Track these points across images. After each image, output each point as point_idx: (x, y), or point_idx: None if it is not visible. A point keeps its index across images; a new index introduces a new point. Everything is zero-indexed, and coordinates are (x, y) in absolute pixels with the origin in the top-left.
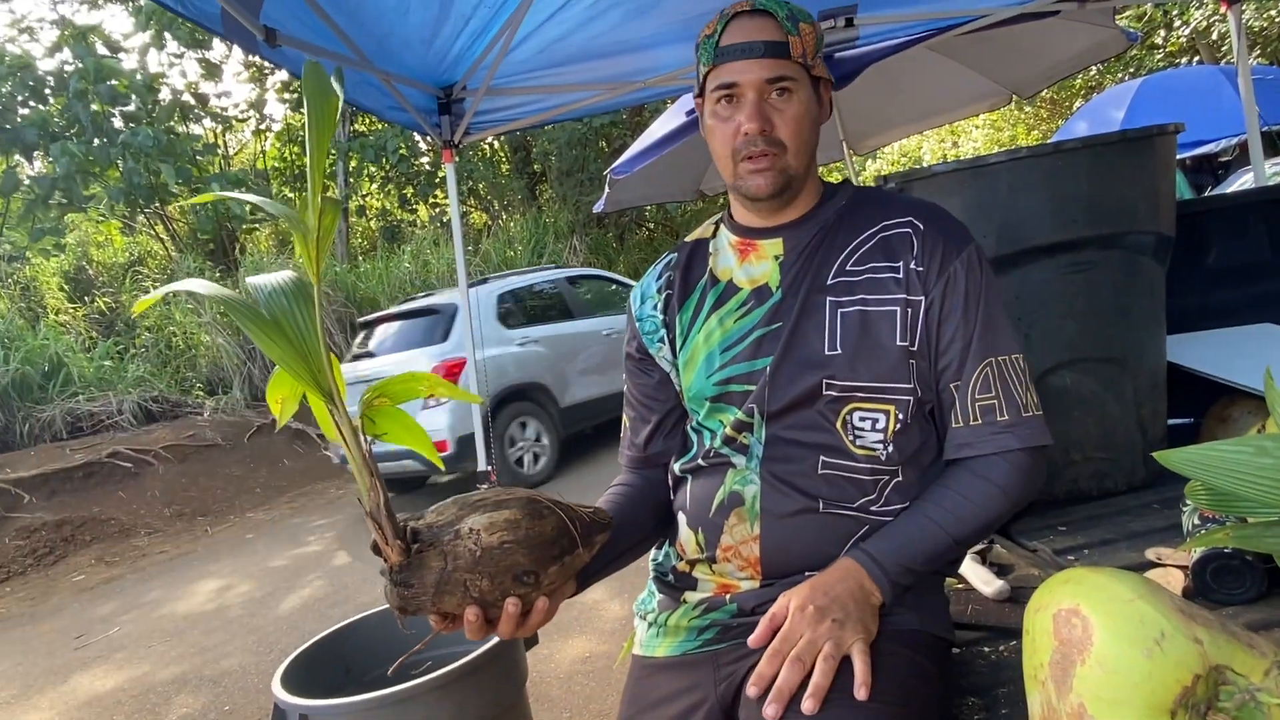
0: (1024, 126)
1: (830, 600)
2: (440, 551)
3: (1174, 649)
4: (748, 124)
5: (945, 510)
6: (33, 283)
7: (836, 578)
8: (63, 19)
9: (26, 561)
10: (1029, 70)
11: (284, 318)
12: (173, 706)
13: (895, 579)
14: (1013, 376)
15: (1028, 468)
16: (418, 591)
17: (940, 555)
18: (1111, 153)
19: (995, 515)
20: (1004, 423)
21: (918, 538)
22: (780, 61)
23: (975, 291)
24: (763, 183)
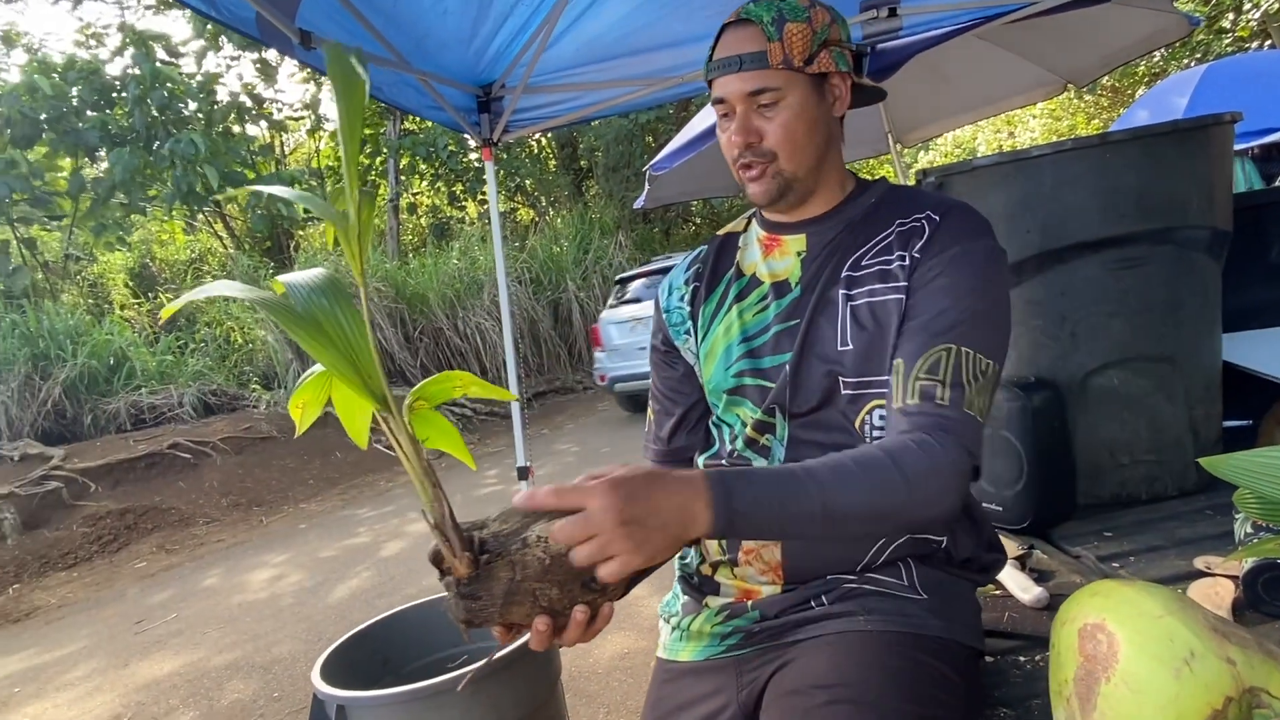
0: (1084, 116)
1: (645, 505)
2: (509, 561)
3: (1204, 669)
4: (734, 137)
5: (831, 472)
6: (100, 279)
7: (672, 487)
8: (126, 25)
9: (92, 548)
10: (1083, 58)
11: (325, 319)
12: (225, 692)
13: (736, 521)
14: (971, 374)
15: (944, 472)
16: (485, 604)
17: (801, 520)
18: (1163, 144)
19: (887, 506)
20: (939, 410)
21: (787, 488)
22: (758, 73)
23: (968, 282)
24: (758, 191)
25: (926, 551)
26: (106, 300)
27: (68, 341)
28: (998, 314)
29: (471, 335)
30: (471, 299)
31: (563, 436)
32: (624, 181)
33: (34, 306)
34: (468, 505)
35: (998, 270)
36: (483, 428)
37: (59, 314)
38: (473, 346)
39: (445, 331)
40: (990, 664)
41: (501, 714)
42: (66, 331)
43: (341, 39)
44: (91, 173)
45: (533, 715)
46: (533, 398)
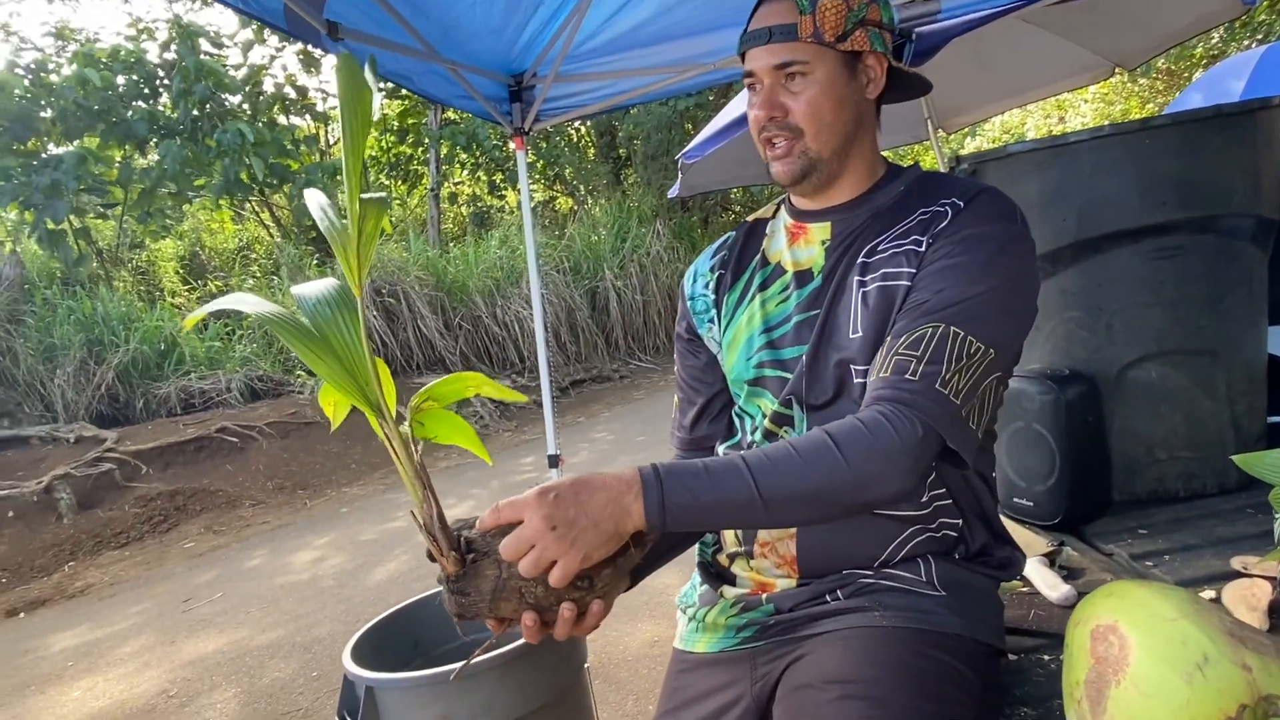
0: (1137, 100)
1: (576, 506)
2: (494, 560)
3: (1218, 675)
4: (758, 111)
5: (765, 457)
6: (151, 267)
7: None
8: (175, 18)
9: (143, 528)
10: (1133, 40)
11: (329, 329)
12: (266, 670)
13: (671, 511)
14: (956, 354)
15: (892, 451)
16: (475, 599)
17: (738, 508)
18: (1206, 129)
19: (828, 488)
20: (905, 384)
21: (719, 475)
22: (786, 45)
23: (978, 264)
24: (781, 169)
25: (946, 548)
26: (157, 287)
27: (120, 327)
28: (1006, 300)
29: (510, 324)
30: (510, 287)
31: (599, 424)
32: (662, 170)
33: (88, 293)
34: (505, 491)
35: (1016, 255)
36: (520, 415)
37: (112, 301)
38: (511, 335)
39: (484, 319)
40: (1012, 662)
41: (527, 699)
42: (119, 318)
43: (369, 29)
44: (140, 163)
45: (558, 701)
46: (569, 386)
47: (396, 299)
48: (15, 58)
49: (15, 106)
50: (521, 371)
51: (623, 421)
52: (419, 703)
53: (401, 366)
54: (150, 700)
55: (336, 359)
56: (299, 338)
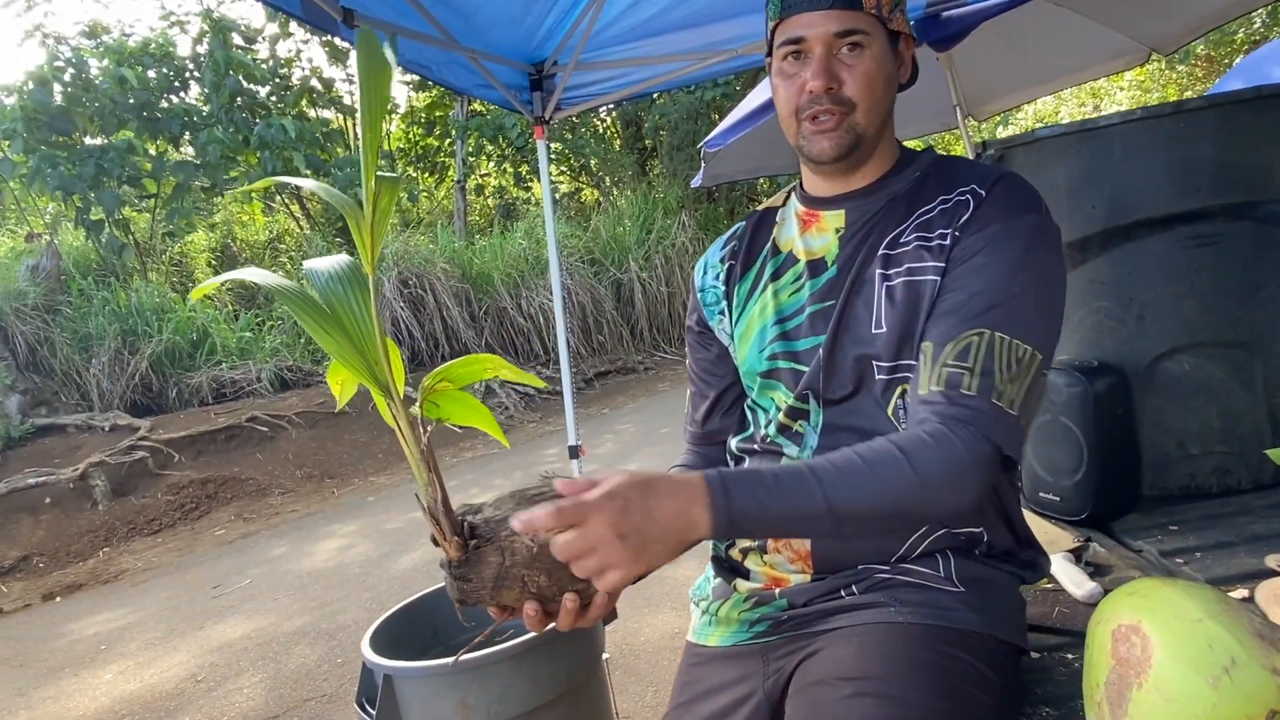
0: (1175, 87)
1: (643, 513)
2: (498, 547)
3: (1245, 679)
4: (813, 81)
5: (834, 468)
6: (184, 258)
7: (669, 490)
8: (206, 10)
9: (175, 515)
10: (1168, 24)
11: (340, 305)
12: (292, 656)
13: (737, 520)
14: (1005, 362)
15: (963, 464)
16: (476, 586)
17: (806, 519)
18: (1243, 113)
19: (896, 501)
20: (963, 399)
21: (788, 486)
22: (851, 13)
23: (1011, 260)
24: (827, 145)
25: (965, 544)
26: (190, 279)
27: (154, 318)
28: (1042, 296)
29: (535, 315)
30: (535, 279)
31: (623, 416)
32: (688, 160)
33: (123, 285)
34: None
35: (1046, 248)
36: (544, 406)
37: (146, 291)
38: (536, 326)
39: (509, 311)
40: (1035, 661)
41: (542, 689)
42: (153, 308)
43: (387, 16)
44: (174, 156)
45: (574, 691)
46: (594, 377)
47: (423, 290)
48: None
49: (54, 103)
50: (546, 363)
51: (647, 413)
52: (436, 691)
53: (427, 357)
54: (179, 684)
55: (346, 336)
56: (308, 312)
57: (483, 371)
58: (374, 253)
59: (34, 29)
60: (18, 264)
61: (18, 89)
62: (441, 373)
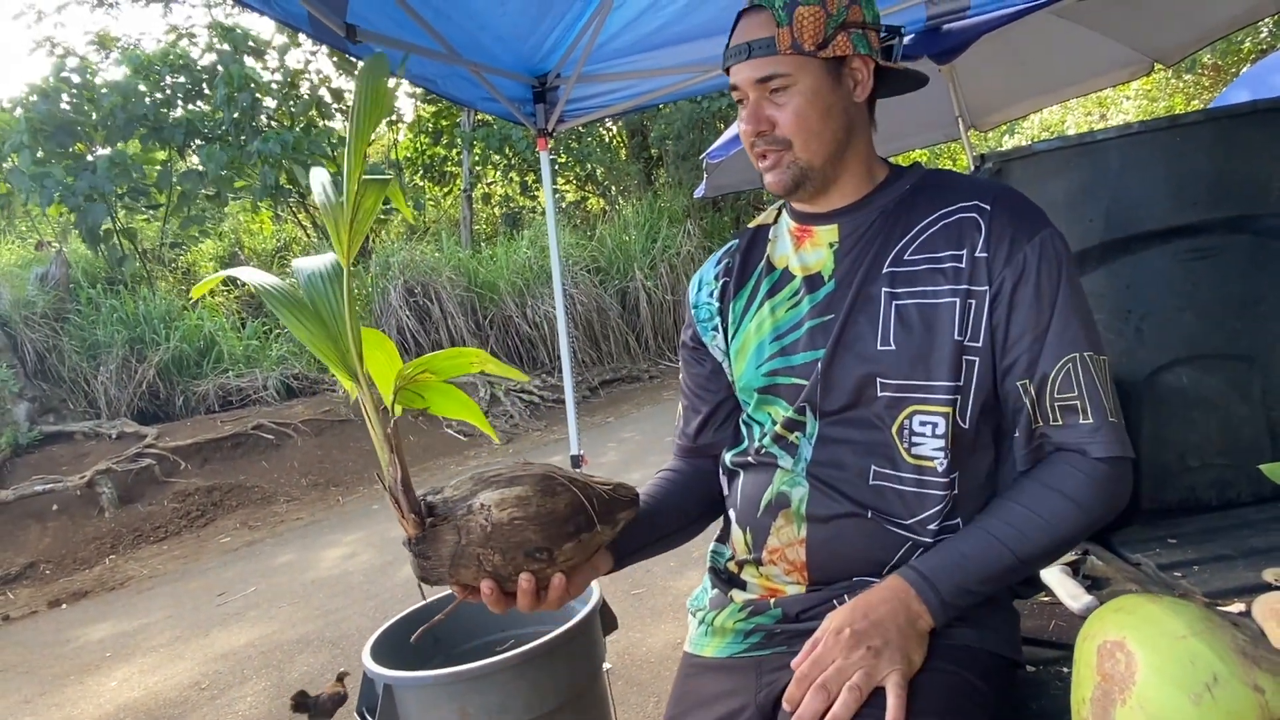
0: (1182, 97)
1: (870, 625)
2: (454, 526)
3: (1228, 696)
4: (745, 126)
5: (1009, 525)
6: (192, 267)
7: (881, 598)
8: (217, 23)
9: (181, 523)
10: (1172, 35)
11: (319, 298)
12: (295, 664)
13: (948, 600)
14: (1097, 377)
15: (1109, 481)
16: (435, 563)
17: (1002, 575)
18: (1241, 126)
19: (1068, 533)
20: (1088, 426)
21: (976, 555)
22: (766, 60)
23: (1051, 280)
24: (774, 180)
25: None
26: None
27: (161, 326)
28: (1083, 302)
29: (540, 323)
30: (540, 287)
31: (627, 424)
32: (694, 170)
33: (131, 293)
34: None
35: (1069, 255)
36: (549, 415)
37: (154, 300)
38: (541, 334)
39: (515, 319)
40: (1030, 674)
41: (543, 699)
42: (160, 316)
43: (391, 32)
44: (180, 166)
45: (576, 701)
46: (599, 385)
47: (429, 299)
48: (61, 63)
49: (60, 114)
50: (551, 371)
51: (652, 422)
52: (436, 701)
53: None
54: (183, 691)
55: (323, 326)
56: (284, 304)
57: (468, 365)
58: (351, 249)
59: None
60: (27, 272)
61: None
62: (424, 363)
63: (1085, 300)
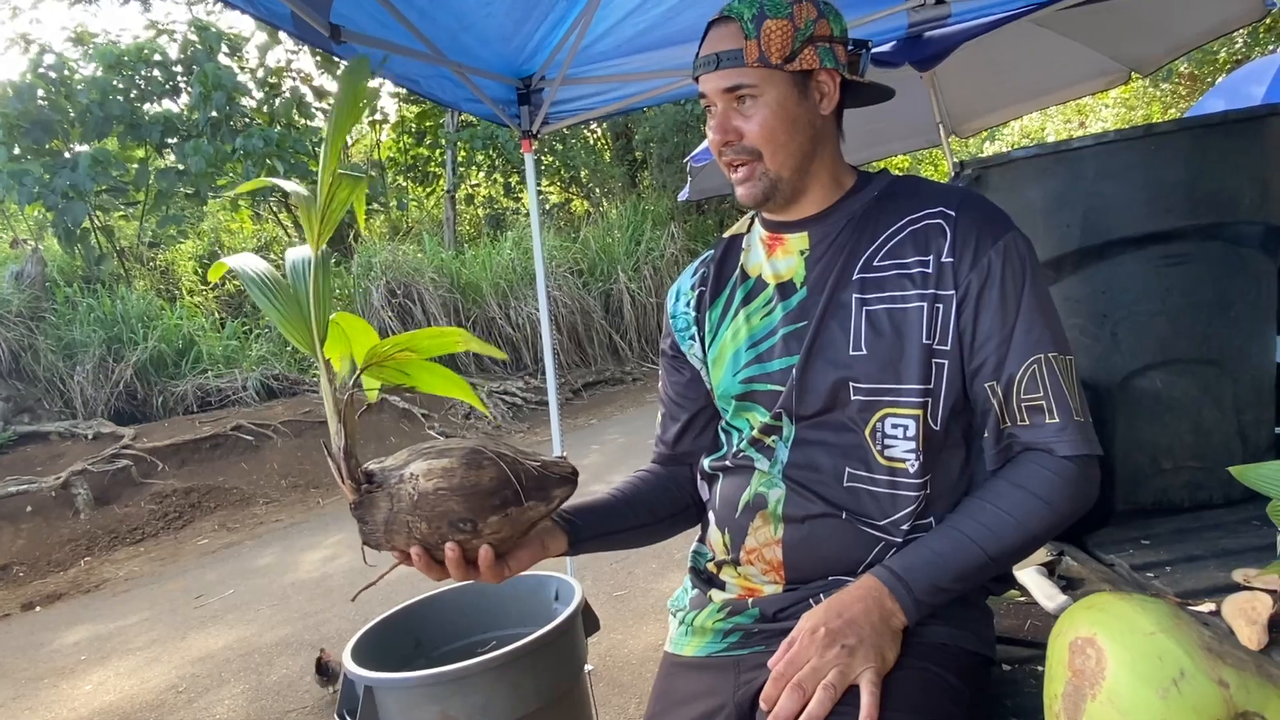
0: (1159, 105)
1: (844, 623)
2: (387, 493)
3: (1193, 690)
4: (713, 135)
5: (980, 524)
6: (171, 266)
7: (855, 597)
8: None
9: (158, 524)
10: (1149, 45)
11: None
12: (274, 667)
13: (921, 599)
14: (1062, 377)
15: (1076, 479)
16: (371, 528)
17: (974, 573)
18: (1214, 135)
19: (1038, 530)
20: (1054, 425)
21: (948, 553)
22: (733, 71)
23: (1016, 283)
24: (744, 192)
25: None
26: (176, 286)
27: (139, 325)
28: (1050, 303)
29: (523, 325)
30: (524, 289)
31: (611, 426)
32: (678, 172)
33: (108, 292)
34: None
35: (1033, 259)
36: (532, 417)
37: (132, 299)
38: (524, 336)
39: (498, 321)
40: (1006, 673)
41: (524, 701)
42: (139, 316)
43: (375, 32)
44: (159, 164)
45: (556, 703)
46: (582, 388)
47: (411, 300)
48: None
49: (36, 110)
50: (534, 373)
51: (635, 424)
52: (417, 703)
53: None
54: (160, 695)
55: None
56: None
57: (451, 344)
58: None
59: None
60: (2, 270)
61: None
62: (402, 341)
63: (1050, 301)
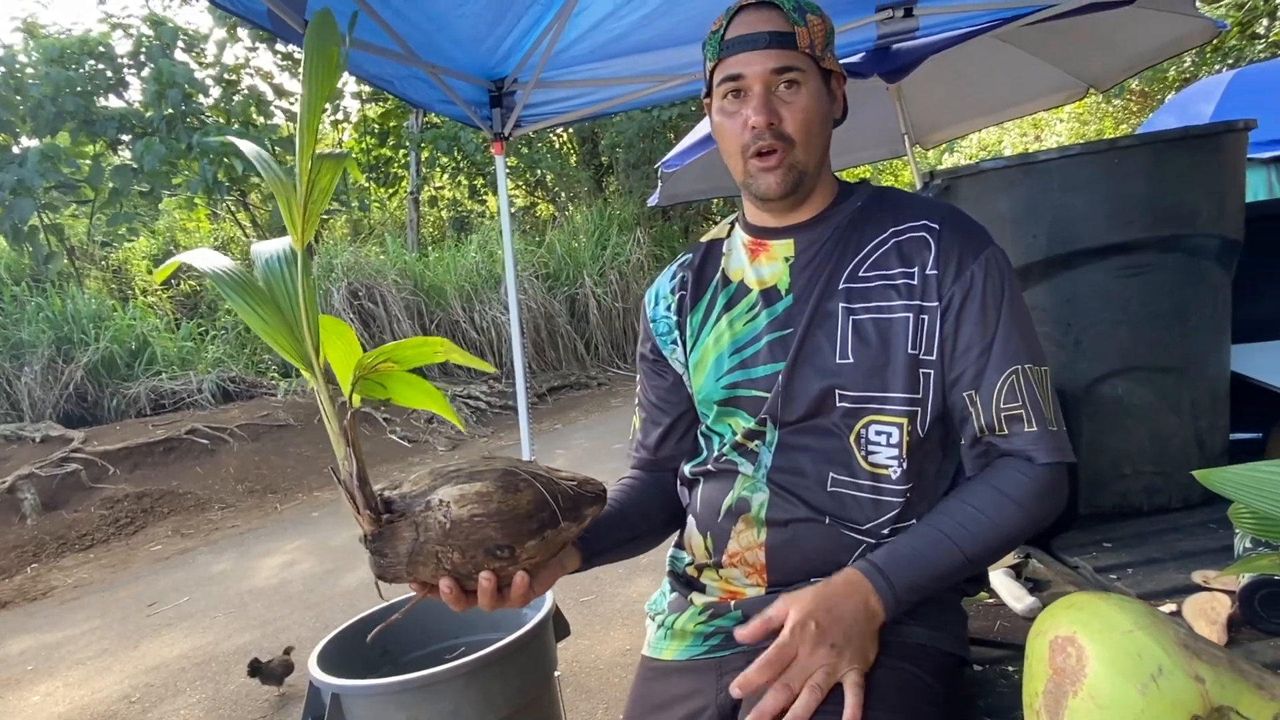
0: (1111, 120)
1: (833, 621)
2: (411, 522)
3: (1171, 686)
4: (755, 117)
5: (959, 525)
6: (124, 265)
7: (842, 593)
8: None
9: (109, 530)
10: (1106, 62)
11: (275, 284)
12: (231, 676)
13: (901, 597)
14: (1038, 387)
15: (1051, 486)
16: (392, 561)
17: (951, 573)
18: (1174, 150)
19: (1012, 533)
20: (1031, 434)
21: (929, 553)
22: (786, 52)
23: (995, 296)
24: (773, 181)
25: None
26: (130, 286)
27: (91, 326)
28: (1025, 315)
29: (487, 328)
30: (488, 292)
31: (576, 431)
32: (644, 178)
33: (58, 291)
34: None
35: (1011, 273)
36: (496, 421)
37: (83, 298)
38: (488, 339)
39: (462, 324)
40: (978, 673)
41: (494, 707)
42: (90, 316)
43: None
44: (113, 160)
45: (526, 708)
46: (547, 392)
47: (374, 302)
48: None
49: None
50: (499, 377)
51: (600, 428)
52: (385, 710)
53: None
54: (111, 706)
55: (278, 312)
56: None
57: (432, 354)
58: (306, 231)
59: None
60: None
61: None
62: (386, 352)
63: (1027, 313)
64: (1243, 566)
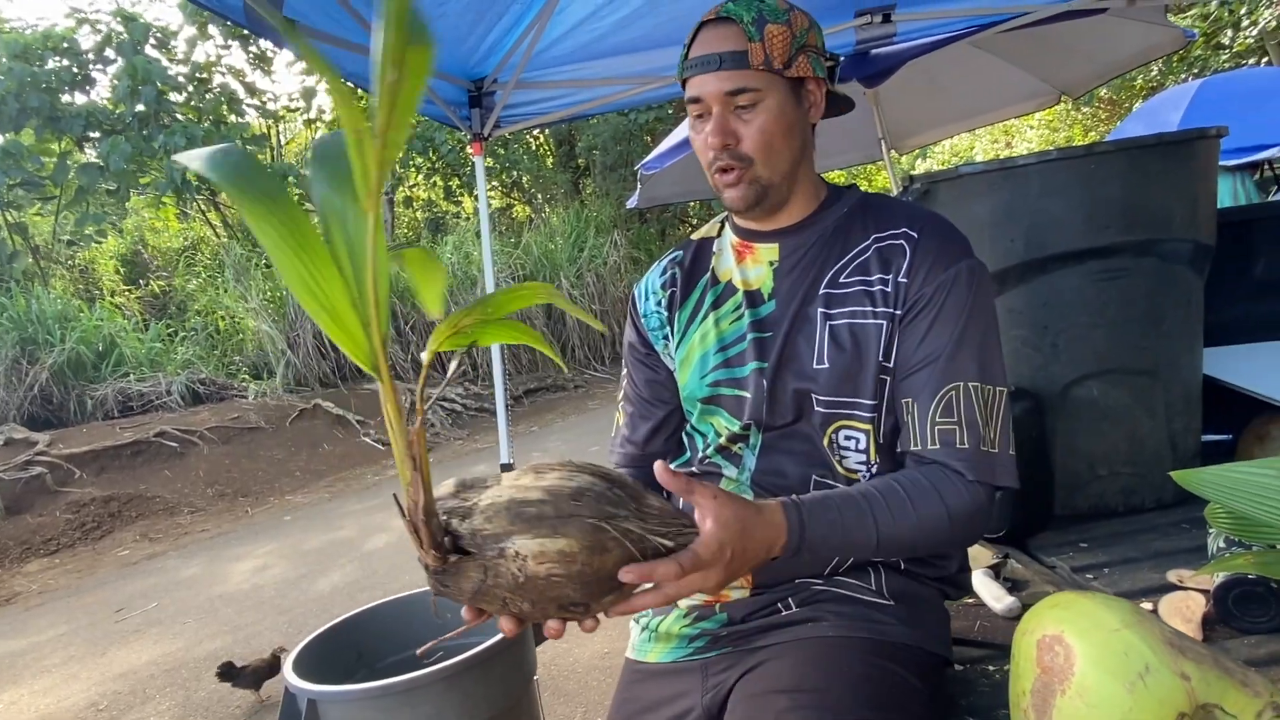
0: (1081, 127)
1: (740, 553)
2: (481, 565)
3: (1158, 684)
4: (711, 139)
5: (887, 505)
6: (91, 265)
7: (760, 531)
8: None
9: (75, 535)
10: (1079, 69)
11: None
12: (202, 683)
13: (802, 551)
14: (982, 407)
15: (977, 506)
16: (453, 593)
17: (855, 551)
18: (1148, 156)
19: (930, 539)
20: (961, 450)
21: (847, 526)
22: (738, 73)
23: (958, 309)
24: (735, 196)
25: (893, 561)
26: (97, 286)
27: (56, 326)
28: (990, 335)
29: None
30: (465, 294)
31: (552, 434)
32: (621, 181)
33: (22, 291)
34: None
35: (984, 289)
36: (472, 424)
37: (48, 298)
38: None
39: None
40: (959, 673)
41: (474, 711)
42: (55, 316)
43: (329, 28)
44: (79, 158)
45: (505, 713)
46: (523, 394)
47: None
48: None
49: None
50: (475, 379)
51: (577, 430)
52: (363, 716)
53: (351, 374)
54: (79, 714)
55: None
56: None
57: (533, 297)
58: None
59: None
60: None
61: None
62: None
63: (993, 331)
64: (1218, 566)
